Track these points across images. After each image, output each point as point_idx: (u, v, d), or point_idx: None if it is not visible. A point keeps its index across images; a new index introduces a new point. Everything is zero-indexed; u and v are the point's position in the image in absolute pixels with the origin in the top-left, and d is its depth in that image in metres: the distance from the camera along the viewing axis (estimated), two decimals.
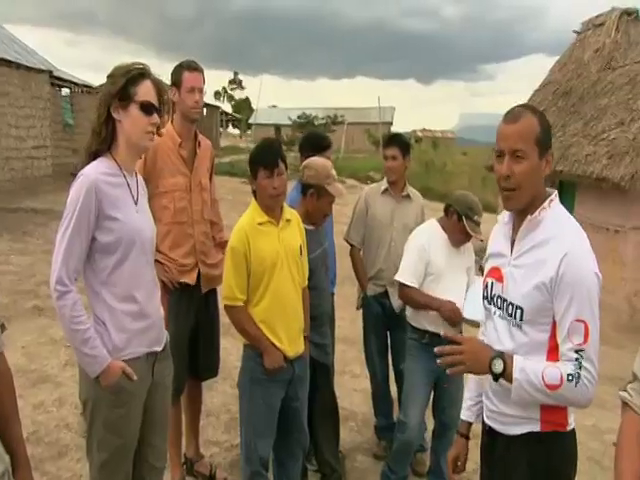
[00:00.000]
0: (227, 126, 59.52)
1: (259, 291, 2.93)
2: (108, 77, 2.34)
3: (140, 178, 2.49)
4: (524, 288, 1.94)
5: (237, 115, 49.82)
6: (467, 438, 2.34)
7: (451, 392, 3.61)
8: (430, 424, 3.85)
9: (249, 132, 57.91)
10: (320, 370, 3.42)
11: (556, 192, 2.02)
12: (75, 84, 20.44)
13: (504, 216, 2.13)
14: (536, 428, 1.98)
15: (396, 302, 3.98)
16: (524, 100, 14.25)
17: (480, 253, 3.60)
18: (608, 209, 8.72)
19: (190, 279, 3.42)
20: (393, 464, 3.69)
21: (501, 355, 1.94)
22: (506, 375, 1.92)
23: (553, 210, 1.97)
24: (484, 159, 22.35)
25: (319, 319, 3.37)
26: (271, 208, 2.97)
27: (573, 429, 2.03)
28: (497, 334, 2.05)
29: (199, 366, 3.63)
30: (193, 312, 3.48)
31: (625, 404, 1.72)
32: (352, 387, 5.43)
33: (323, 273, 3.40)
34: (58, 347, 5.63)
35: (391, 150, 4.14)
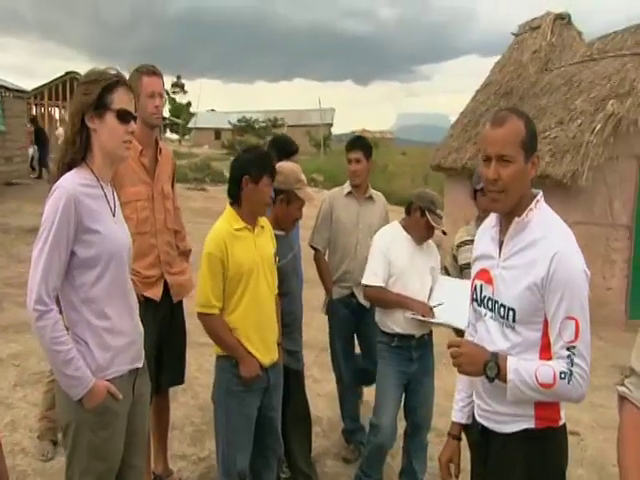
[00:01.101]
0: (165, 131, 58.51)
1: (235, 298, 2.88)
2: (80, 85, 2.25)
3: (113, 188, 2.39)
4: (515, 290, 1.96)
5: (176, 119, 49.05)
6: (459, 440, 2.34)
7: (422, 393, 3.65)
8: (401, 427, 3.86)
9: (187, 137, 57.13)
10: (292, 377, 3.39)
11: (541, 192, 2.05)
12: (6, 89, 19.62)
13: (491, 219, 2.16)
14: (531, 425, 2.00)
15: (364, 299, 4.00)
16: (463, 100, 14.62)
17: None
18: (551, 205, 8.83)
19: (154, 294, 3.31)
20: (367, 467, 3.68)
21: (495, 359, 1.96)
22: (500, 376, 1.95)
23: (539, 210, 2.01)
24: (424, 158, 22.77)
25: (291, 326, 3.33)
26: (257, 215, 2.96)
27: (564, 423, 2.07)
28: (490, 335, 2.07)
29: (164, 379, 3.53)
30: (158, 325, 3.37)
31: (623, 398, 1.75)
32: (315, 392, 5.40)
33: (295, 279, 3.38)
34: (5, 367, 5.38)
35: (355, 153, 4.15)
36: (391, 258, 3.53)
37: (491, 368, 1.95)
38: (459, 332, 3.20)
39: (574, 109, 9.18)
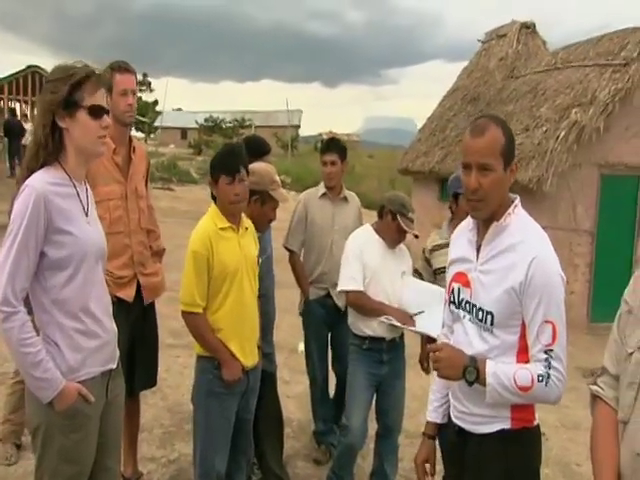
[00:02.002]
0: (130, 129, 57.68)
1: (219, 298, 2.85)
2: (47, 83, 2.17)
3: (88, 186, 2.33)
4: (494, 293, 1.99)
5: (142, 118, 48.44)
6: (434, 439, 2.37)
7: (393, 396, 3.68)
8: (372, 428, 3.89)
9: (152, 136, 56.49)
10: (266, 379, 3.38)
11: (518, 197, 2.09)
12: None
13: (468, 222, 2.19)
14: (507, 425, 2.04)
15: (340, 300, 4.01)
16: (430, 104, 14.80)
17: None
18: None
19: (127, 295, 3.27)
20: (337, 468, 3.69)
21: (474, 364, 1.99)
22: (479, 380, 1.98)
23: (517, 215, 2.04)
24: (391, 161, 22.91)
25: (266, 327, 3.33)
26: (232, 214, 2.92)
27: (538, 424, 2.11)
28: (468, 337, 2.09)
29: (135, 380, 3.48)
30: (130, 326, 3.33)
31: (596, 397, 1.80)
32: (284, 393, 5.39)
33: (270, 280, 3.37)
34: None
35: (330, 156, 4.17)
36: (364, 261, 3.54)
37: (470, 372, 1.98)
38: (429, 338, 3.23)
39: (539, 116, 9.40)
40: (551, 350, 1.93)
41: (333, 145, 4.25)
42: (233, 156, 2.92)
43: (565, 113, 8.93)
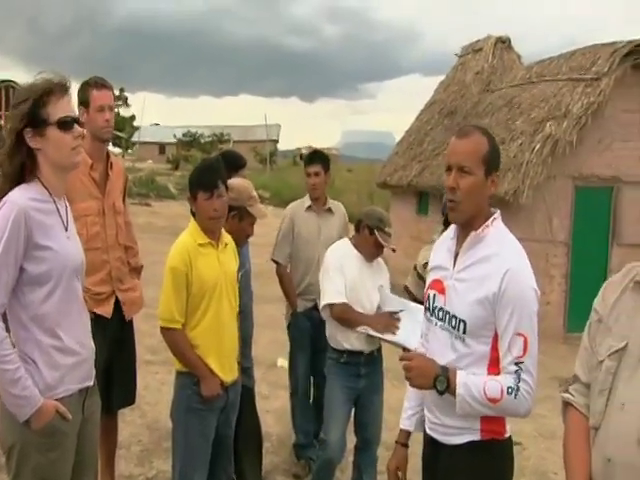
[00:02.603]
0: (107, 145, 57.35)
1: (197, 314, 2.86)
2: (13, 107, 2.13)
3: (67, 202, 2.33)
4: (467, 302, 2.03)
5: (119, 133, 48.20)
6: (406, 447, 2.39)
7: (372, 410, 3.70)
8: (351, 441, 3.90)
9: (130, 151, 56.24)
10: (245, 395, 3.38)
11: (499, 212, 2.14)
12: None
13: (449, 231, 2.23)
14: (476, 437, 2.07)
15: (324, 313, 4.04)
16: (408, 118, 14.97)
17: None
18: None
19: (105, 312, 3.26)
20: None
21: (445, 373, 2.01)
22: (450, 390, 2.01)
23: (495, 228, 2.09)
24: (369, 175, 22.97)
25: (244, 342, 3.34)
26: (211, 230, 2.93)
27: (510, 436, 2.15)
28: (440, 346, 2.13)
29: (114, 398, 3.46)
30: (108, 343, 3.32)
31: (567, 404, 1.85)
32: (263, 408, 5.38)
33: (247, 295, 3.39)
34: None
35: (314, 167, 4.26)
36: (345, 273, 3.56)
37: (441, 382, 2.00)
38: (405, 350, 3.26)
39: (515, 129, 9.57)
40: (521, 363, 1.95)
41: (317, 157, 4.35)
42: (211, 172, 2.93)
43: (540, 126, 9.11)
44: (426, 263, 3.70)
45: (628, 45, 8.94)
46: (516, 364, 1.95)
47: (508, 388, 1.94)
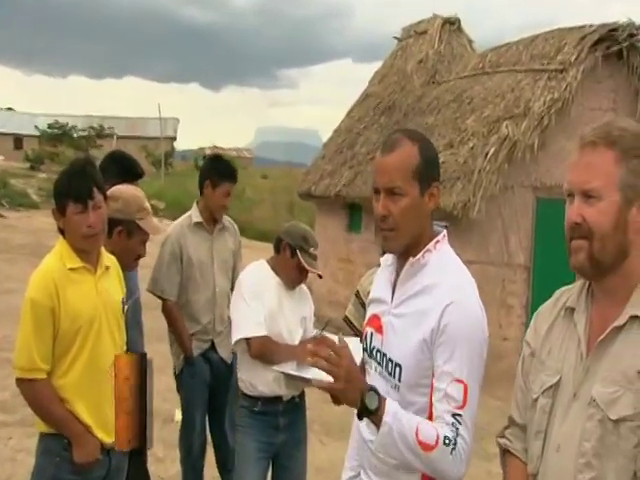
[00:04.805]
0: None
1: (67, 359, 2.81)
2: None
3: None
4: (403, 343, 2.06)
5: None
6: None
7: (293, 469, 3.73)
8: None
9: None
10: (133, 457, 3.34)
11: (445, 232, 2.18)
12: None
13: (387, 258, 2.27)
14: None
15: (225, 352, 4.07)
16: (337, 114, 15.20)
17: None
18: None
19: None
20: None
21: (377, 390, 1.95)
22: (376, 417, 1.92)
23: (439, 252, 2.11)
24: (289, 182, 23.04)
25: None
26: (85, 251, 2.88)
27: None
28: None
29: None
30: None
31: (505, 451, 1.95)
32: (157, 474, 5.34)
33: (137, 331, 3.38)
34: None
35: (230, 186, 4.36)
36: (263, 301, 3.56)
37: (371, 398, 1.91)
38: None
39: (465, 130, 9.82)
40: (459, 415, 1.95)
41: (235, 174, 4.39)
42: (83, 177, 2.87)
43: (495, 126, 9.34)
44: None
45: (600, 30, 9.15)
46: (454, 415, 1.95)
47: (445, 438, 1.92)
